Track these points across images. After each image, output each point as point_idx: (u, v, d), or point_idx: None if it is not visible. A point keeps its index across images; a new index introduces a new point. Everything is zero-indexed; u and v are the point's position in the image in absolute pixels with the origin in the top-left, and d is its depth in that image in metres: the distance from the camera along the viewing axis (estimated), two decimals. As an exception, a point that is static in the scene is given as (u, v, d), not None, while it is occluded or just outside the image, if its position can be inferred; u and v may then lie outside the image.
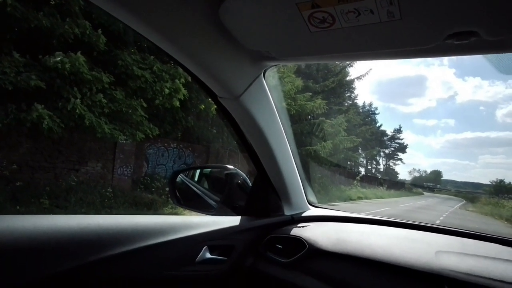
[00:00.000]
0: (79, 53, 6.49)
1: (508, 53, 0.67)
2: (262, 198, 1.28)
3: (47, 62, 6.26)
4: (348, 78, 18.72)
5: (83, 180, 7.82)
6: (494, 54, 0.70)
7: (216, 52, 0.82)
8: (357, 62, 18.45)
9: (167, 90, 8.08)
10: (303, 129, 13.51)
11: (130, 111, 7.64)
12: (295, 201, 1.33)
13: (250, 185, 1.32)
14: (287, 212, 1.31)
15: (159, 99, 8.22)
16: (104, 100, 6.96)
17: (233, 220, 1.16)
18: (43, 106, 6.12)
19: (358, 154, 18.63)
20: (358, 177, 17.75)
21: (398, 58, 0.76)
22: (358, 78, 18.99)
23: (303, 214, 1.34)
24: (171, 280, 0.93)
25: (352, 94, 20.61)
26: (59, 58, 6.20)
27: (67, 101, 6.49)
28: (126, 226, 0.86)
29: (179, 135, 10.87)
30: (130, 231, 0.85)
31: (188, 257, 0.97)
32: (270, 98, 1.05)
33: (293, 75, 13.24)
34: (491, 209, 12.04)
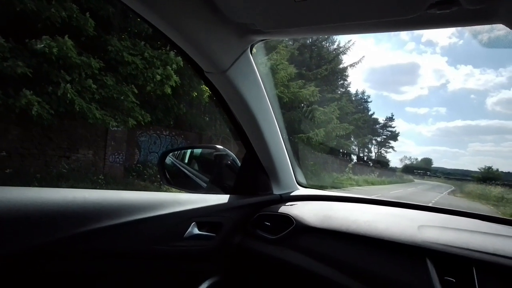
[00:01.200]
0: (66, 37, 6.34)
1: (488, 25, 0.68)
2: (251, 177, 1.29)
3: (33, 46, 6.12)
4: (341, 66, 18.67)
5: (75, 167, 7.78)
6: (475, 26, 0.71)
7: (201, 24, 0.81)
8: (349, 49, 18.40)
9: (158, 77, 7.99)
10: (296, 116, 13.53)
11: (121, 97, 7.55)
12: (284, 181, 1.35)
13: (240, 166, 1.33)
14: (276, 191, 1.32)
15: (151, 85, 8.13)
16: (94, 86, 6.86)
17: (222, 198, 1.17)
18: (31, 92, 6.01)
19: (350, 142, 18.77)
20: (350, 165, 17.92)
21: (382, 30, 0.77)
22: (351, 65, 18.94)
23: (292, 194, 1.36)
24: (160, 255, 0.94)
25: (345, 82, 20.63)
26: (46, 43, 6.05)
27: (57, 86, 6.38)
28: (112, 200, 0.85)
29: (171, 122, 10.80)
30: (116, 206, 0.85)
31: (176, 233, 0.97)
32: (257, 74, 1.05)
33: (286, 62, 13.16)
34: (479, 195, 12.31)
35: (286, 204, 1.24)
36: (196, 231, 1.02)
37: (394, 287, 0.82)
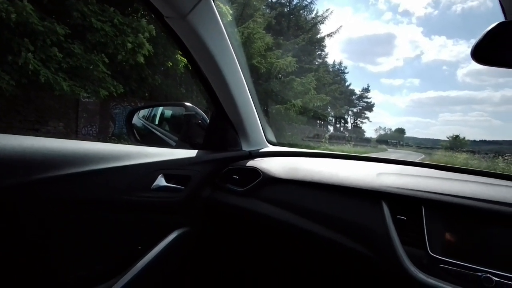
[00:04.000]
0: (25, 1, 5.88)
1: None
2: (220, 133, 1.29)
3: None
4: (318, 36, 18.50)
5: (45, 140, 7.48)
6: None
7: None
8: (327, 18, 18.17)
9: (129, 45, 7.60)
10: (273, 87, 13.45)
11: (91, 67, 7.17)
12: (253, 138, 1.36)
13: None
14: (245, 148, 1.34)
15: (122, 54, 7.74)
16: (60, 55, 6.46)
17: (190, 153, 1.18)
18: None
19: (327, 113, 19.00)
20: (326, 135, 18.26)
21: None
22: (329, 35, 18.82)
23: (261, 150, 1.38)
24: (126, 205, 0.94)
25: (323, 53, 20.55)
26: (2, 6, 5.59)
27: (18, 56, 5.98)
28: (75, 149, 0.84)
29: (146, 94, 10.47)
30: (79, 155, 0.84)
31: (143, 184, 0.98)
32: (219, 22, 1.03)
33: (263, 31, 12.88)
34: (446, 161, 12.98)
35: (255, 159, 1.27)
36: (163, 183, 1.03)
37: (354, 227, 0.88)
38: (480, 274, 0.70)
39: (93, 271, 0.90)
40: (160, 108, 1.76)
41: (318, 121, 18.26)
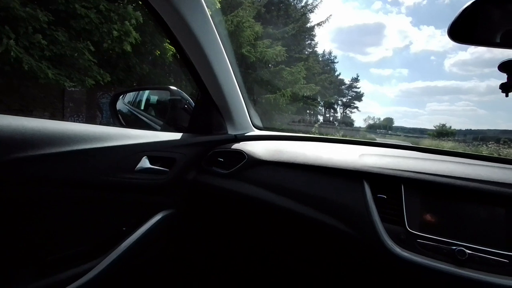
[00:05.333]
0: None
1: None
2: (205, 116, 1.29)
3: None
4: (308, 25, 18.38)
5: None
6: None
7: None
8: (317, 7, 18.05)
9: (115, 33, 7.42)
10: (263, 76, 13.40)
11: (76, 54, 6.99)
12: (238, 122, 1.36)
13: None
14: (231, 132, 1.34)
15: (108, 42, 7.56)
16: (43, 42, 6.27)
17: (175, 136, 1.18)
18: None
19: (316, 102, 19.04)
20: (316, 125, 18.35)
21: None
22: (318, 24, 18.71)
23: (247, 134, 1.38)
24: (109, 186, 0.94)
25: (312, 42, 20.46)
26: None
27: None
28: (55, 129, 0.83)
29: (134, 84, 10.29)
30: (59, 135, 0.82)
31: (126, 165, 0.98)
32: (203, 4, 1.03)
33: (252, 20, 12.74)
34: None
35: (240, 143, 1.28)
36: (147, 164, 1.03)
37: (336, 207, 0.90)
38: (454, 247, 0.73)
39: (77, 252, 0.90)
40: (146, 94, 1.75)
41: (307, 111, 18.32)
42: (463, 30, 0.71)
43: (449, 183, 0.80)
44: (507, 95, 0.83)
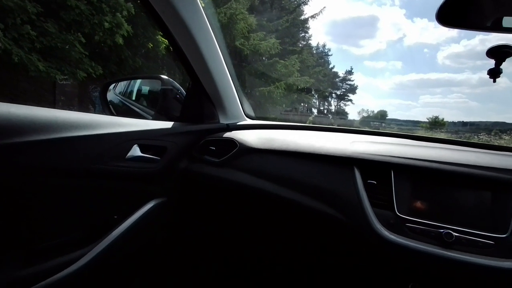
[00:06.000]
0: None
1: None
2: (196, 105, 1.29)
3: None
4: (302, 17, 18.24)
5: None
6: None
7: None
8: None
9: (107, 24, 7.33)
10: (257, 69, 13.34)
11: (67, 47, 6.90)
12: (230, 111, 1.36)
13: None
14: (223, 121, 1.34)
15: (99, 34, 7.47)
16: (33, 33, 6.17)
17: (166, 124, 1.17)
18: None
19: (311, 95, 19.04)
20: (310, 118, 18.37)
21: None
22: (312, 17, 18.57)
23: (239, 123, 1.38)
24: (99, 174, 0.93)
25: (306, 35, 20.34)
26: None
27: (-12, 34, 5.68)
28: (43, 117, 0.81)
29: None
30: (48, 122, 0.81)
31: (116, 153, 0.97)
32: None
33: (246, 12, 12.62)
34: (425, 141, 13.33)
35: (232, 131, 1.28)
36: (138, 153, 1.02)
37: (327, 193, 0.91)
38: (442, 230, 0.75)
39: (68, 240, 0.90)
40: (137, 84, 1.73)
41: (302, 104, 18.32)
42: (452, 14, 0.71)
43: (437, 168, 0.81)
44: (494, 81, 0.84)
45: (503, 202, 0.75)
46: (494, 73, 0.84)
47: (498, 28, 0.69)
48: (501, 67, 0.84)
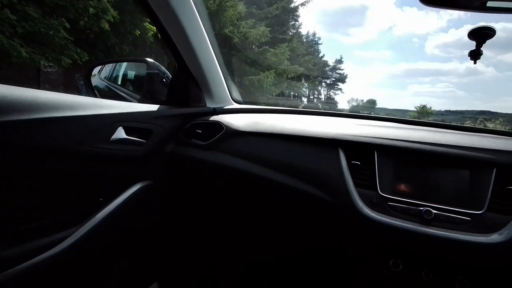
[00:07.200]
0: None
1: None
2: (182, 89, 1.28)
3: None
4: (292, 5, 18.10)
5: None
6: None
7: None
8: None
9: (92, 10, 7.12)
10: (246, 58, 13.23)
11: (51, 32, 6.67)
12: (217, 95, 1.36)
13: None
14: (210, 105, 1.34)
15: (84, 20, 7.27)
16: (13, 17, 5.96)
17: (152, 107, 1.16)
18: None
19: (301, 84, 19.02)
20: (300, 107, 18.39)
21: None
22: (302, 4, 18.42)
23: (226, 107, 1.38)
24: (83, 155, 0.92)
25: (296, 23, 20.16)
26: None
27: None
28: (22, 96, 0.79)
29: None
30: (27, 102, 0.79)
31: (100, 135, 0.96)
32: None
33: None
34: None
35: (219, 115, 1.28)
36: (123, 135, 1.01)
37: (312, 174, 0.93)
38: (422, 208, 0.77)
39: (52, 221, 0.89)
40: (123, 69, 1.70)
41: (292, 93, 18.31)
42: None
43: (419, 148, 0.84)
44: (475, 62, 0.86)
45: (480, 180, 0.78)
46: (475, 55, 0.86)
47: (482, 8, 0.70)
48: (481, 48, 0.86)
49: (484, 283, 0.77)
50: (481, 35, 0.84)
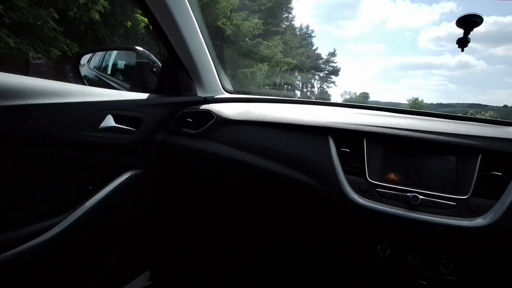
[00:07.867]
0: None
1: None
2: (173, 77, 1.27)
3: None
4: (285, -3, 18.01)
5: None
6: None
7: None
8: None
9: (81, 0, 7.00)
10: (240, 50, 13.15)
11: (39, 22, 6.53)
12: (208, 84, 1.35)
13: None
14: (200, 94, 1.34)
15: (74, 10, 7.11)
16: (0, 7, 5.82)
17: (142, 95, 1.15)
18: None
19: (294, 77, 19.00)
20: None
21: None
22: (296, -3, 18.35)
23: (217, 97, 1.38)
24: (72, 143, 0.92)
25: (290, 15, 20.05)
26: None
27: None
28: (9, 83, 0.78)
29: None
30: (12, 88, 0.77)
31: (90, 123, 0.95)
32: None
33: (228, -10, 12.31)
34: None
35: (210, 104, 1.27)
36: (112, 123, 1.01)
37: (302, 161, 0.94)
38: (409, 194, 0.79)
39: (41, 209, 0.89)
40: (112, 58, 1.68)
41: (285, 86, 18.28)
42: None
43: (407, 135, 0.85)
44: (462, 50, 0.87)
45: (466, 166, 0.80)
46: (462, 42, 0.87)
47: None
48: (469, 36, 0.87)
49: (468, 265, 0.80)
50: (468, 23, 0.85)
